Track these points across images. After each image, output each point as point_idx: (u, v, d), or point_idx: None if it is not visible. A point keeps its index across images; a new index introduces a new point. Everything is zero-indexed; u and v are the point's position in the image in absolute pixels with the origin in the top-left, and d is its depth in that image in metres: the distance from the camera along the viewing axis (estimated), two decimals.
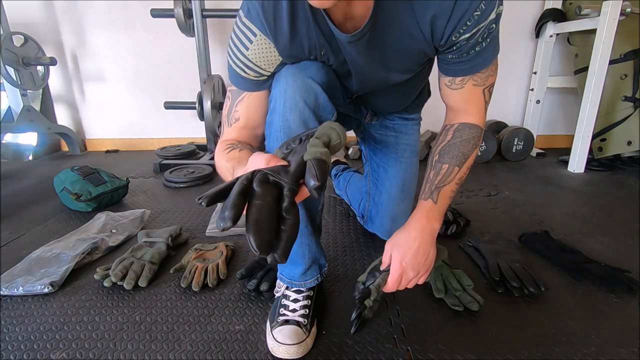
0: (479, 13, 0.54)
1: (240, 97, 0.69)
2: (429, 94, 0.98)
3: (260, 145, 0.76)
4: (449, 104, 0.71)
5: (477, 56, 0.61)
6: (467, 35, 0.57)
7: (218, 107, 1.87)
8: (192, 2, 1.73)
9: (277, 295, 0.78)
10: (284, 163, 0.46)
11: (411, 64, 0.66)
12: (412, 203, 1.06)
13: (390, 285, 0.65)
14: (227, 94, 0.71)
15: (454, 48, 0.60)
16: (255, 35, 0.61)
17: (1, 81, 1.99)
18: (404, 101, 0.87)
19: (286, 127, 0.64)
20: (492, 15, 0.55)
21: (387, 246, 0.67)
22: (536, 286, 0.81)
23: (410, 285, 0.66)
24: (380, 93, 0.78)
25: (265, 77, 0.66)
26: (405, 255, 0.64)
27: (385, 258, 0.67)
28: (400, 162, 0.97)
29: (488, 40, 0.59)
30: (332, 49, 0.64)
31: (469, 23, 0.55)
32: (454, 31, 0.56)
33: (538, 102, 2.11)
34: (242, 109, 0.69)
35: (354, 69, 0.68)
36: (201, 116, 1.92)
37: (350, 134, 1.11)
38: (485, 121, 2.40)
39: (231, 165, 0.61)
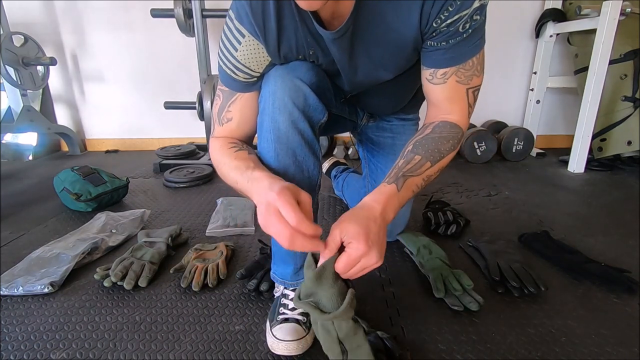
0: None
1: (233, 98, 0.69)
2: None
3: (252, 143, 0.76)
4: (431, 101, 0.68)
5: (457, 46, 0.59)
6: (448, 22, 0.56)
7: None
8: (192, 2, 1.73)
9: (276, 295, 0.78)
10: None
11: (399, 59, 0.65)
12: (410, 205, 1.06)
13: (343, 267, 0.51)
14: (217, 92, 0.71)
15: (434, 34, 0.58)
16: (243, 36, 0.61)
17: (1, 81, 1.99)
18: (399, 101, 0.87)
19: (275, 128, 0.64)
20: (476, 4, 0.54)
21: (337, 226, 0.53)
22: (536, 286, 0.81)
23: (365, 271, 0.53)
24: (374, 93, 0.78)
25: (256, 79, 0.66)
26: (371, 232, 0.51)
27: (333, 239, 0.53)
28: None
29: (470, 31, 0.57)
30: (320, 48, 0.64)
31: (450, 8, 0.54)
32: (437, 17, 0.55)
33: (538, 102, 2.11)
34: (236, 110, 0.69)
35: (341, 67, 0.67)
36: (201, 116, 1.92)
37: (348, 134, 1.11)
38: (485, 121, 2.38)
39: (245, 166, 0.61)
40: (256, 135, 0.72)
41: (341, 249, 0.53)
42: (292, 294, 0.73)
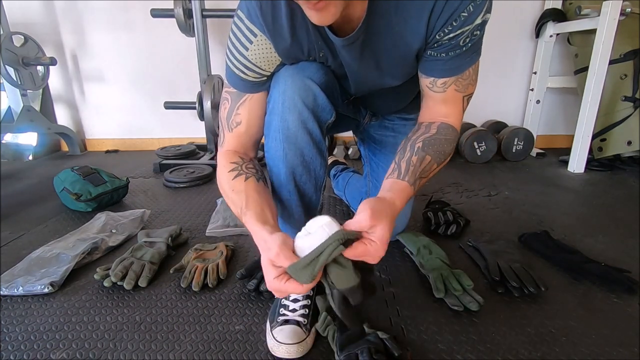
0: (466, 14, 0.54)
1: (242, 99, 0.68)
2: None
3: (256, 152, 0.76)
4: (427, 104, 0.69)
5: (456, 58, 0.60)
6: (451, 35, 0.57)
7: (218, 107, 1.87)
8: (192, 2, 1.73)
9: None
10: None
11: (405, 67, 0.66)
12: (411, 204, 1.06)
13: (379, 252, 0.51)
14: (223, 95, 0.71)
15: (435, 45, 0.59)
16: (255, 35, 0.61)
17: (1, 81, 1.99)
18: (402, 102, 0.88)
19: (285, 127, 0.64)
20: (478, 20, 0.55)
21: (367, 207, 0.52)
22: (536, 286, 0.81)
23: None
24: (378, 95, 0.78)
25: (265, 78, 0.66)
26: (389, 229, 0.52)
27: (364, 220, 0.51)
28: None
29: (469, 45, 0.59)
30: (330, 51, 0.64)
31: (454, 23, 0.55)
32: (441, 29, 0.56)
33: (538, 102, 2.11)
34: (244, 112, 0.69)
35: (349, 72, 0.68)
36: (201, 116, 1.92)
37: (349, 134, 1.11)
38: (485, 121, 2.39)
39: (239, 204, 0.61)
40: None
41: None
42: (293, 295, 0.73)
